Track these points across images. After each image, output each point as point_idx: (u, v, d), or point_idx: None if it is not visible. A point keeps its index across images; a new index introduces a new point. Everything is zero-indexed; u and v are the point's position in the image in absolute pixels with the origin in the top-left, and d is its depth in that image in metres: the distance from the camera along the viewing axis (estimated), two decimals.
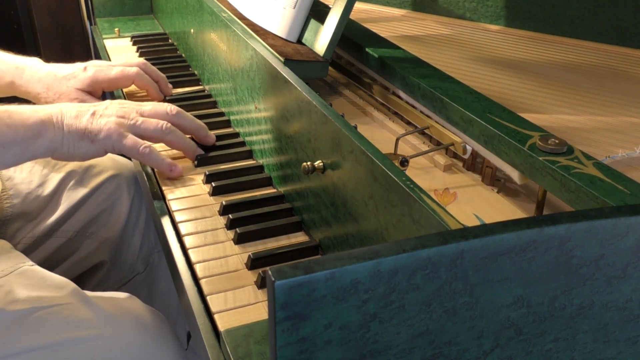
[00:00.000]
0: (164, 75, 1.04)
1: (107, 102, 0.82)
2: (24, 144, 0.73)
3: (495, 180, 0.69)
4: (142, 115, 0.81)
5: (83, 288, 0.79)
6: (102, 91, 1.01)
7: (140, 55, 1.23)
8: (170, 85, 1.05)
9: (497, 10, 1.12)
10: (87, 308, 0.75)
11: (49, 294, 0.75)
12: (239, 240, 0.71)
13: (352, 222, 0.61)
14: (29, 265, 0.80)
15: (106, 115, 0.78)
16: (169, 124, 0.82)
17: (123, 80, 0.99)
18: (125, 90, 1.07)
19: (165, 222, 0.75)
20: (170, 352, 0.78)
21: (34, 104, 0.92)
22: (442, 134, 0.73)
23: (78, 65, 0.99)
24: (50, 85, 0.96)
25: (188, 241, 0.71)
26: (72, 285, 0.78)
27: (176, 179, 0.82)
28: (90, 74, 0.97)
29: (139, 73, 0.99)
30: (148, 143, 0.79)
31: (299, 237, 0.72)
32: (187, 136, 0.86)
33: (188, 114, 0.86)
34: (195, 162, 0.86)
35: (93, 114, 0.78)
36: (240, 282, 0.65)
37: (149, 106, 0.83)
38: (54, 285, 0.77)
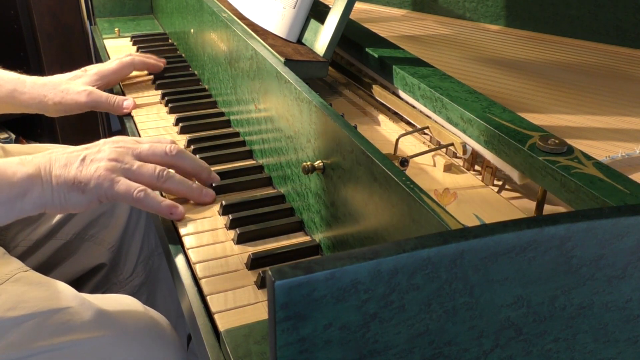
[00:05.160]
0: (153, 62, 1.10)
1: (101, 142, 0.75)
2: (9, 204, 0.67)
3: (495, 180, 0.69)
4: (139, 157, 0.74)
5: (81, 291, 0.78)
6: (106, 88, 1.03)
7: None
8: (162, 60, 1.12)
9: (497, 10, 1.12)
10: (86, 311, 0.74)
11: (47, 298, 0.75)
12: (239, 240, 0.71)
13: (352, 222, 0.61)
14: (23, 272, 0.79)
15: (97, 160, 0.71)
16: (167, 170, 0.74)
17: (124, 68, 1.05)
18: (122, 82, 1.11)
19: (165, 222, 0.75)
20: (171, 354, 0.78)
21: (34, 114, 0.92)
22: (442, 134, 0.73)
23: (76, 71, 1.02)
24: (56, 85, 0.96)
25: (188, 241, 0.71)
26: (70, 289, 0.78)
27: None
28: (94, 71, 1.00)
29: (133, 58, 1.06)
30: (142, 187, 0.71)
31: (299, 237, 0.72)
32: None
33: (189, 153, 0.79)
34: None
35: (83, 159, 0.71)
36: (240, 282, 0.65)
37: (146, 145, 0.76)
38: (52, 289, 0.77)
